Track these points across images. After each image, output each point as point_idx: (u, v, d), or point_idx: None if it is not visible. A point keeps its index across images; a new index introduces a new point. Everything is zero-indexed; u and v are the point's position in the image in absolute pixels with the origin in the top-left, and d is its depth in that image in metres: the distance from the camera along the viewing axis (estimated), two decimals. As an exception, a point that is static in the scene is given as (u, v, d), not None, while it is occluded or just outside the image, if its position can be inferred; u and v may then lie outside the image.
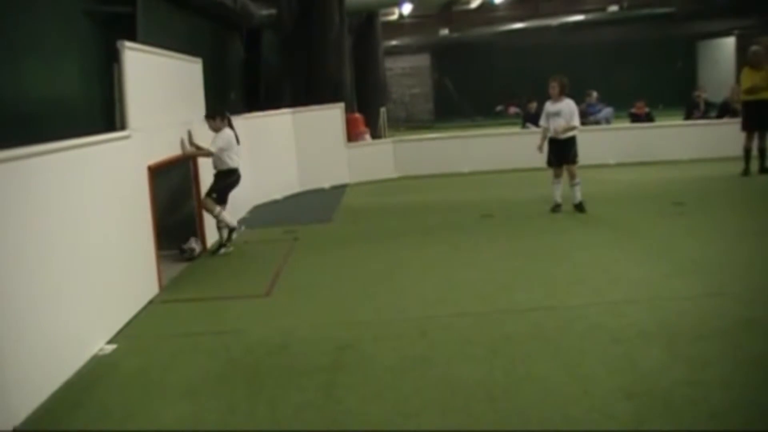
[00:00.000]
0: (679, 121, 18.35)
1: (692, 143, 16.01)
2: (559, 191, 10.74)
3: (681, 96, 23.46)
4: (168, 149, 8.38)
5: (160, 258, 7.79)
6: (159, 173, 7.97)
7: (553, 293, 6.81)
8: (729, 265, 7.50)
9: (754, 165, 13.41)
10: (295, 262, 8.65)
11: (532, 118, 18.23)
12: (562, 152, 10.60)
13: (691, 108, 18.72)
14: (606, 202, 11.24)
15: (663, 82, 30.58)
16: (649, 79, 30.33)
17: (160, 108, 8.21)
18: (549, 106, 10.68)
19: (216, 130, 9.30)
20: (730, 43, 33.99)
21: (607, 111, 18.90)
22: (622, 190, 12.61)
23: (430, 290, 7.14)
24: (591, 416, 4.26)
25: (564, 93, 10.62)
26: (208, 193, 9.24)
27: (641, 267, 7.60)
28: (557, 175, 10.75)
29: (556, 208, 10.70)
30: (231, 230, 9.43)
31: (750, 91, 13.29)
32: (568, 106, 10.58)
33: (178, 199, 9.49)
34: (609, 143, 15.85)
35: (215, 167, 9.36)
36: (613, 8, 31.46)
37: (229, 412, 4.59)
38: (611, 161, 15.43)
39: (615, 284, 7.01)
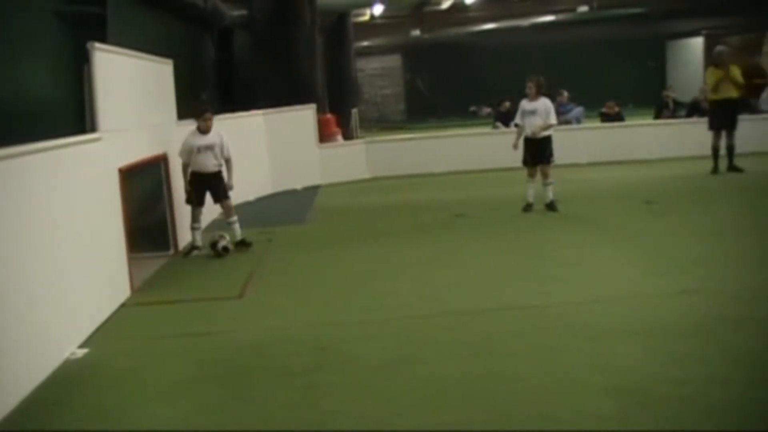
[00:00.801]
0: (649, 121, 18.53)
1: (662, 142, 16.17)
2: (532, 191, 10.79)
3: (651, 95, 23.66)
4: (140, 151, 8.32)
5: (133, 260, 7.73)
6: (131, 175, 7.91)
7: (531, 292, 6.86)
8: (704, 262, 7.59)
9: (723, 163, 13.58)
10: (269, 264, 8.63)
11: (503, 118, 18.33)
12: (537, 152, 10.65)
13: (661, 107, 18.91)
14: (579, 201, 11.32)
15: (633, 82, 30.81)
16: (619, 78, 30.56)
17: (131, 109, 8.16)
18: (525, 105, 10.74)
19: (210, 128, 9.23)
20: (698, 43, 34.31)
21: (578, 111, 19.03)
22: (594, 189, 12.71)
23: (408, 290, 7.15)
24: (572, 414, 4.28)
25: (540, 92, 10.69)
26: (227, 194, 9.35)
27: (618, 265, 7.69)
28: (531, 175, 10.80)
29: (527, 207, 10.74)
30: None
31: (714, 89, 13.47)
32: (544, 105, 10.64)
33: (151, 201, 9.43)
34: (580, 143, 15.94)
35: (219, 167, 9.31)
36: (583, 8, 31.66)
37: (208, 415, 4.56)
38: (582, 161, 15.52)
39: (593, 282, 7.07)
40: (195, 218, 9.31)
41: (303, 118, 14.94)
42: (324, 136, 16.09)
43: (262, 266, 8.50)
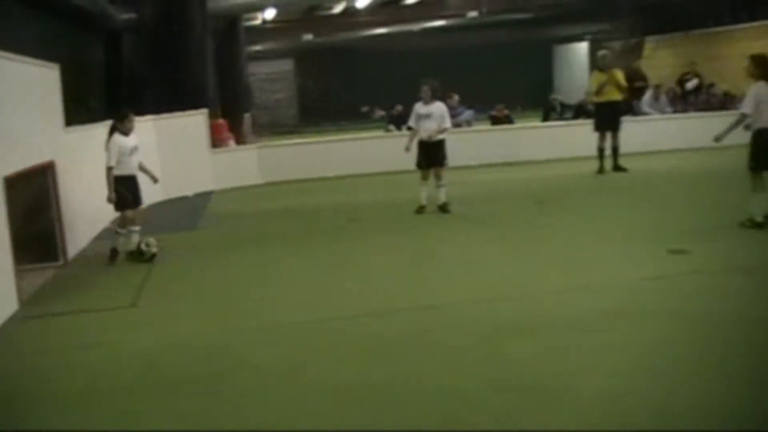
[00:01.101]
0: (538, 123, 18.96)
1: (550, 144, 16.57)
2: (425, 193, 10.87)
3: (539, 98, 24.22)
4: (25, 159, 7.98)
5: (21, 272, 7.41)
6: (14, 184, 7.56)
7: (425, 292, 6.93)
8: (592, 259, 7.83)
9: (609, 163, 14.02)
10: (161, 272, 8.42)
11: (396, 121, 18.47)
12: (432, 155, 10.75)
13: (548, 110, 19.38)
14: (471, 203, 11.47)
15: (522, 86, 31.48)
16: (508, 82, 31.16)
17: (15, 116, 7.80)
18: (420, 109, 10.82)
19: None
20: (583, 47, 35.35)
21: (468, 113, 19.28)
22: (485, 191, 12.92)
23: (303, 295, 7.11)
24: (462, 411, 4.33)
25: (436, 96, 10.80)
26: None
27: (511, 263, 7.87)
28: (425, 177, 10.88)
29: (420, 209, 10.82)
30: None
31: (597, 92, 13.89)
32: (439, 109, 10.77)
33: (37, 210, 9.05)
34: (471, 145, 16.15)
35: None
36: (473, 14, 32.20)
37: (100, 428, 4.41)
38: (473, 163, 15.72)
39: (486, 280, 7.20)
40: (125, 223, 9.06)
41: (194, 123, 14.66)
42: (216, 142, 15.83)
43: (154, 274, 8.29)
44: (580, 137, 15.44)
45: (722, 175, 12.49)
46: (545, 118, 19.24)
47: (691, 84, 20.35)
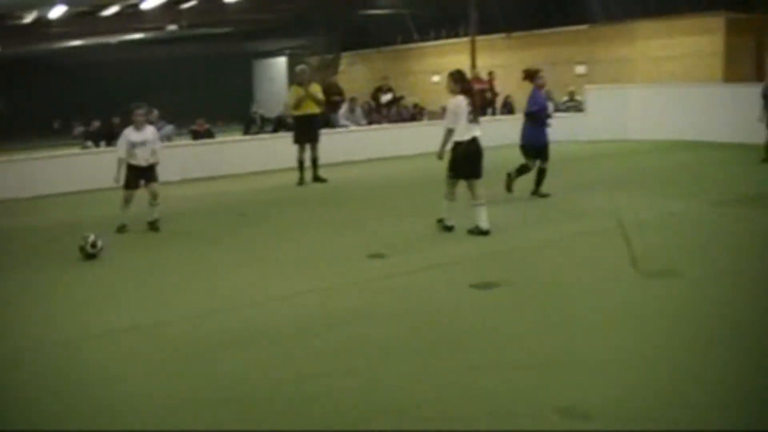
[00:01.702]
0: (239, 137, 19.05)
1: (252, 157, 16.69)
2: (128, 212, 10.50)
3: (240, 112, 24.34)
4: None
5: None
6: None
7: (144, 310, 6.73)
8: (303, 267, 8.07)
9: (309, 174, 14.40)
10: None
11: (93, 137, 17.74)
12: (145, 176, 10.50)
13: (249, 123, 19.55)
14: (177, 218, 11.22)
15: (223, 99, 31.47)
16: (209, 96, 31.02)
17: None
18: (134, 136, 10.40)
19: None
20: (282, 62, 36.01)
21: (168, 128, 18.93)
22: (188, 206, 12.66)
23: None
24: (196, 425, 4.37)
25: (149, 121, 10.65)
26: None
27: (221, 275, 7.89)
28: (127, 200, 10.50)
29: (121, 228, 10.44)
30: None
31: (296, 106, 14.26)
32: (153, 134, 10.59)
33: None
34: (172, 161, 15.81)
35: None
36: (173, 27, 31.67)
37: None
38: (175, 178, 15.40)
39: (211, 293, 7.17)
40: None
41: None
42: None
43: None
44: (280, 150, 15.72)
45: (418, 183, 13.40)
46: (246, 132, 19.38)
47: (386, 98, 21.48)
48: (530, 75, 11.71)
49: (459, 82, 9.21)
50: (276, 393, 4.78)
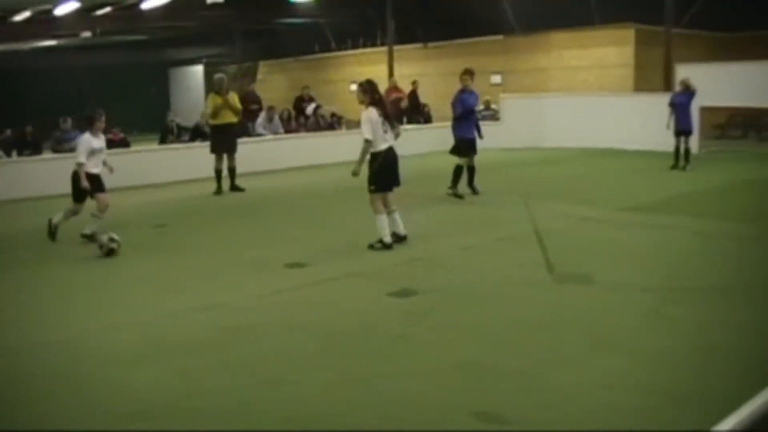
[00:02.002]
0: (155, 146, 18.72)
1: (168, 166, 16.40)
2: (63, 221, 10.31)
3: (156, 121, 23.95)
4: None
5: None
6: None
7: (44, 327, 6.52)
8: (221, 277, 7.98)
9: (226, 184, 14.25)
10: None
11: (4, 146, 17.24)
12: (98, 184, 10.36)
13: (166, 132, 19.24)
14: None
15: (138, 108, 30.91)
16: (124, 104, 30.43)
17: None
18: (94, 141, 10.24)
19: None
20: (199, 70, 35.62)
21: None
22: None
23: None
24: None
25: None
26: None
27: (144, 286, 7.73)
28: (77, 212, 10.36)
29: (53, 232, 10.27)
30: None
31: (213, 115, 14.11)
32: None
33: None
34: (86, 170, 15.49)
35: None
36: (86, 34, 31.01)
37: None
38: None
39: (104, 310, 6.93)
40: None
41: None
42: None
43: None
44: (197, 159, 15.52)
45: (337, 192, 13.41)
46: (162, 141, 19.08)
47: (310, 108, 21.44)
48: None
49: (369, 92, 9.04)
50: (193, 406, 4.70)
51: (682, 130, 15.56)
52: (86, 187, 9.93)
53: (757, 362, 5.11)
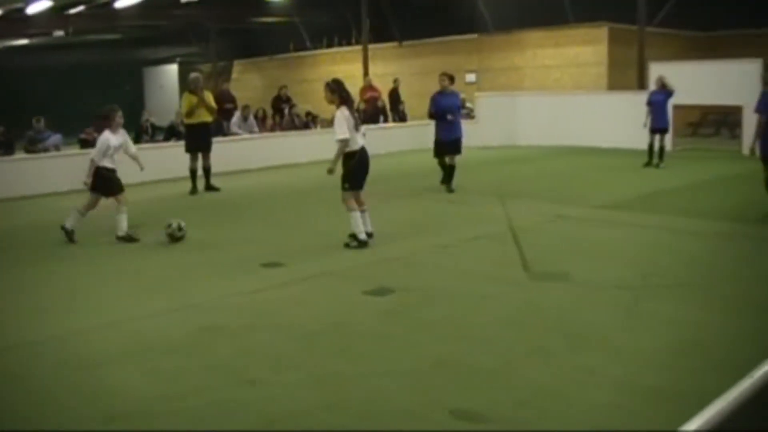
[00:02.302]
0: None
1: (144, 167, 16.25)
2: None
3: (130, 121, 23.75)
4: None
5: None
6: None
7: (16, 329, 6.46)
8: (197, 277, 7.95)
9: (202, 183, 14.19)
10: None
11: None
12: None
13: (140, 132, 19.11)
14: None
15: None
16: (98, 104, 30.14)
17: None
18: (113, 140, 10.37)
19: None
20: (173, 69, 35.44)
21: (56, 138, 18.32)
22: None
23: None
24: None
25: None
26: None
27: (120, 287, 7.68)
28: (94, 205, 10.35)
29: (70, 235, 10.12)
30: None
31: (189, 114, 14.03)
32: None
33: None
34: (60, 171, 15.36)
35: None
36: (59, 33, 30.75)
37: None
38: (64, 189, 14.96)
39: (77, 312, 6.88)
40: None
41: None
42: None
43: None
44: (172, 159, 15.43)
45: (312, 191, 13.39)
46: (137, 140, 18.91)
47: (293, 109, 21.47)
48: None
49: (337, 91, 9.04)
50: (170, 407, 4.67)
51: (659, 128, 15.67)
52: (87, 184, 10.04)
53: (732, 358, 5.15)
